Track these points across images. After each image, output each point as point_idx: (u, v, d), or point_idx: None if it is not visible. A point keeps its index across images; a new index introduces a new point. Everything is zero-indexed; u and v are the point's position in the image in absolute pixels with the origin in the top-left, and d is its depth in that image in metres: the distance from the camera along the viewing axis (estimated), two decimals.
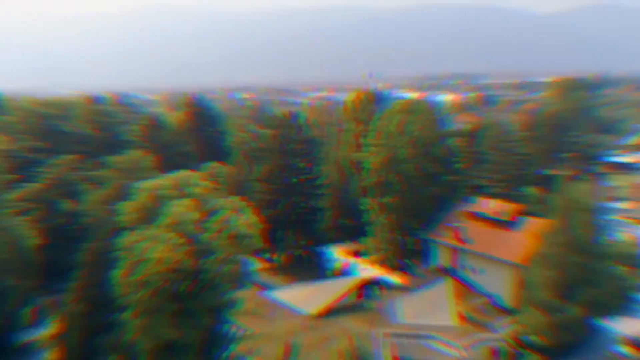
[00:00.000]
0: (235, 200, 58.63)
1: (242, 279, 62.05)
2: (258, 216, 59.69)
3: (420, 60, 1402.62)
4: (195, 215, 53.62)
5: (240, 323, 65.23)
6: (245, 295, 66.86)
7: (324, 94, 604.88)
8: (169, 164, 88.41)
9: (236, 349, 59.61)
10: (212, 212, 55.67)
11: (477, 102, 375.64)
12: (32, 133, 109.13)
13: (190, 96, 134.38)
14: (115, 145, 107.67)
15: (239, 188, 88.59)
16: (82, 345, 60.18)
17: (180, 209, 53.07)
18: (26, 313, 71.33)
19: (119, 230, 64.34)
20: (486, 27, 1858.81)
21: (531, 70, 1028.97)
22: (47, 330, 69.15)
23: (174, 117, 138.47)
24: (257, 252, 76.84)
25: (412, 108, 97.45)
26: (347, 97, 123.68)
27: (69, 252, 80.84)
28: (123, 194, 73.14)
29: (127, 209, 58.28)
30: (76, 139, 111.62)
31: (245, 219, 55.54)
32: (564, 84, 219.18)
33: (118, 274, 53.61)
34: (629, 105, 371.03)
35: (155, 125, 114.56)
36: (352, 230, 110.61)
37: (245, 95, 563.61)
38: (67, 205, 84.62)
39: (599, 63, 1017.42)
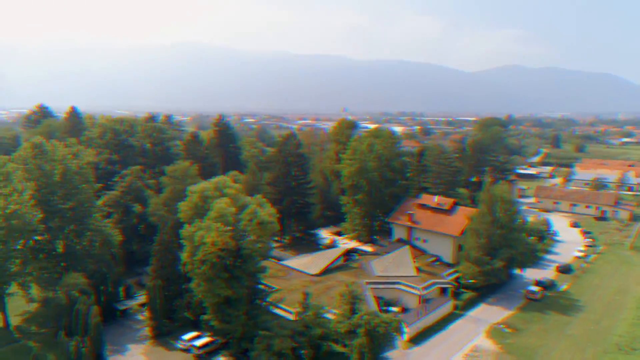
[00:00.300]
0: (258, 197, 61.68)
1: (267, 253, 65.05)
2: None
3: (379, 101, 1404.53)
4: (233, 209, 56.70)
5: (268, 283, 68.62)
6: (268, 264, 70.21)
7: (309, 121, 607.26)
8: (204, 172, 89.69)
9: (269, 299, 62.90)
10: (243, 207, 58.84)
11: (419, 132, 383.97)
12: (108, 147, 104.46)
13: (217, 119, 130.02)
14: (166, 157, 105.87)
15: (253, 190, 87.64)
16: (162, 308, 63.74)
17: (222, 205, 56.15)
18: (120, 290, 71.89)
19: (179, 224, 67.04)
20: (427, 79, 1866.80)
21: (458, 112, 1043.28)
22: (136, 301, 72.05)
23: (204, 135, 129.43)
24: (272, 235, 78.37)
25: (377, 134, 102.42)
26: (331, 124, 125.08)
27: (140, 245, 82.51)
28: (178, 196, 74.53)
29: (184, 207, 61.49)
30: (139, 151, 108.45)
31: (267, 211, 58.24)
32: (485, 121, 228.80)
33: (185, 256, 57.19)
34: (530, 137, 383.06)
35: (195, 141, 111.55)
36: (334, 218, 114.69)
37: (251, 120, 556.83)
38: (137, 208, 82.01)
39: (507, 107, 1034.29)
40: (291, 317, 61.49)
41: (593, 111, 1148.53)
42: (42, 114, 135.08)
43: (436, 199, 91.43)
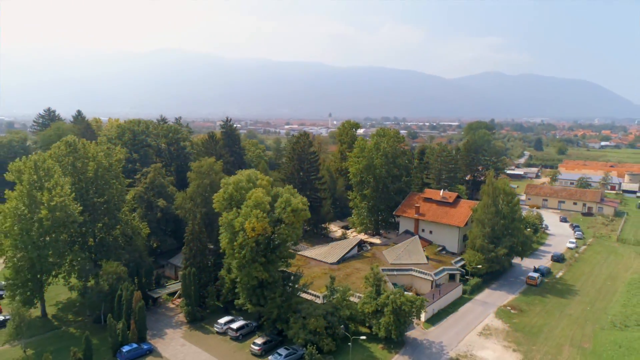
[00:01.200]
0: (289, 188, 66.17)
1: (299, 239, 68.49)
2: None
3: (361, 107, 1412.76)
4: (268, 198, 61.34)
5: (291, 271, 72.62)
6: None
7: (295, 126, 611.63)
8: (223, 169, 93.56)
9: (299, 284, 67.03)
10: (276, 196, 63.60)
11: (407, 136, 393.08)
12: (126, 146, 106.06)
13: (224, 122, 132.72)
14: (181, 156, 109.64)
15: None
16: (196, 293, 67.83)
17: (258, 194, 60.67)
18: (152, 279, 75.17)
19: (208, 215, 70.16)
20: (409, 86, 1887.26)
21: (441, 117, 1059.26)
22: (165, 290, 75.56)
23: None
24: None
25: (383, 133, 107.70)
26: (317, 129, 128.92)
27: (165, 237, 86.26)
28: (204, 190, 78.26)
29: (218, 198, 65.59)
30: (155, 151, 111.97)
31: (299, 199, 62.27)
32: (472, 124, 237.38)
33: (223, 243, 61.16)
34: (514, 140, 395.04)
35: (212, 140, 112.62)
36: (339, 213, 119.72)
37: (237, 125, 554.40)
38: (161, 202, 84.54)
39: (488, 112, 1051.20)
40: (318, 300, 65.95)
41: (570, 116, 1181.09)
42: (50, 117, 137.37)
43: (441, 192, 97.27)
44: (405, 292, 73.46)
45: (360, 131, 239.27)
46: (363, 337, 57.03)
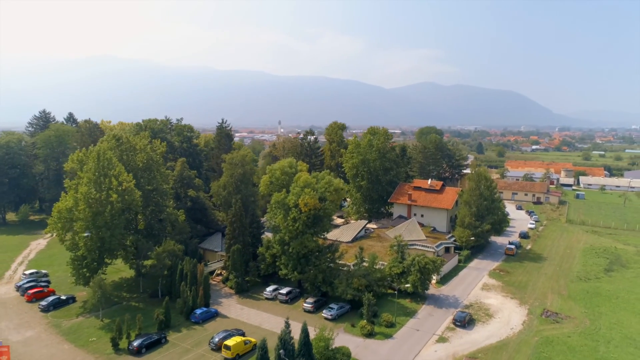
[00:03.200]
0: (327, 172, 77.49)
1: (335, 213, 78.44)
2: None
3: (305, 115, 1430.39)
4: (313, 180, 72.54)
5: None
6: None
7: (243, 134, 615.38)
8: None
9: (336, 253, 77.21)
10: (319, 178, 74.68)
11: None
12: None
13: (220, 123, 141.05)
14: (193, 152, 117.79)
15: None
16: (241, 268, 77.22)
17: (305, 176, 71.81)
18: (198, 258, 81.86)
19: (245, 199, 78.98)
20: (350, 95, 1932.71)
21: (381, 125, 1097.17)
22: (207, 268, 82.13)
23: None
24: None
25: (374, 132, 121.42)
26: (269, 136, 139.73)
27: (194, 224, 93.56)
28: (237, 179, 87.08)
29: (264, 182, 75.74)
30: (171, 148, 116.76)
31: (338, 181, 74.06)
32: (423, 129, 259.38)
33: (278, 219, 71.31)
34: (456, 145, 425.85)
35: (228, 136, 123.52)
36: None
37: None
38: (191, 192, 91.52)
39: (425, 121, 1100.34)
40: (346, 268, 77.50)
41: (499, 124, 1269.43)
42: (46, 119, 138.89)
43: (429, 181, 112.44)
44: None
45: (312, 138, 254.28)
46: (395, 292, 69.63)
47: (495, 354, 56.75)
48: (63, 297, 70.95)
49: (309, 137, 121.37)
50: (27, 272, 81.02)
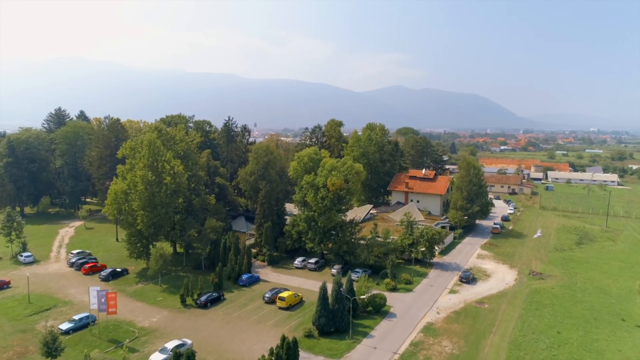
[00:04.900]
0: (348, 157, 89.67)
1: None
2: None
3: (276, 118, 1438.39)
4: (338, 164, 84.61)
5: None
6: None
7: None
8: None
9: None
10: (342, 163, 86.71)
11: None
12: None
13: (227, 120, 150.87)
14: (208, 145, 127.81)
15: None
16: (272, 242, 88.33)
17: (331, 161, 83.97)
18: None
19: (270, 184, 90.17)
20: (320, 98, 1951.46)
21: (352, 128, 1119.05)
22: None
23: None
24: None
25: (372, 127, 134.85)
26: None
27: (221, 208, 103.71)
28: (262, 167, 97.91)
29: (294, 166, 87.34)
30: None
31: (358, 165, 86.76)
32: (401, 130, 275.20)
33: (309, 197, 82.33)
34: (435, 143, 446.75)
35: (230, 135, 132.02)
36: None
37: None
38: (218, 179, 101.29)
39: (394, 123, 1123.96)
40: (362, 242, 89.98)
41: (466, 126, 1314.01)
42: (62, 115, 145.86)
43: (423, 171, 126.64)
44: None
45: (288, 139, 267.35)
46: (404, 261, 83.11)
47: (498, 300, 70.60)
48: (118, 269, 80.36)
49: (317, 131, 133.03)
50: (74, 251, 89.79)
